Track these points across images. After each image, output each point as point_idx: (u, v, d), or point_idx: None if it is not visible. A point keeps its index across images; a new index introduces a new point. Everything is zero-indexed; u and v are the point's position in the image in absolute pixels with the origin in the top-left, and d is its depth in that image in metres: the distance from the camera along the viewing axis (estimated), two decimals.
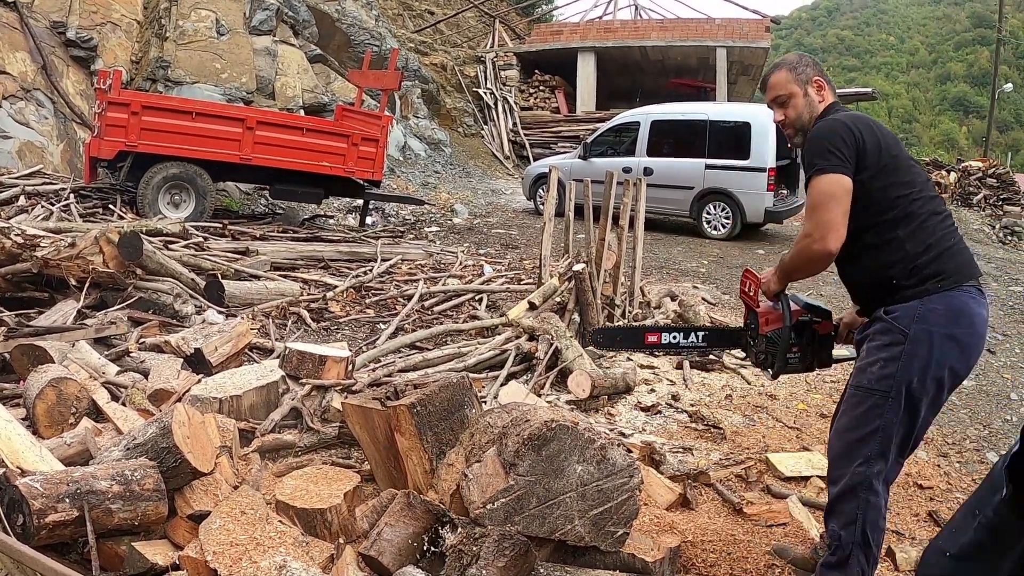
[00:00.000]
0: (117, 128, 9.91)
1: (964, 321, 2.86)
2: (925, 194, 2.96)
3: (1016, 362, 7.56)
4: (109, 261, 5.80)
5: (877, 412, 2.86)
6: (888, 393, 2.84)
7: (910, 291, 2.87)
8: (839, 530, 2.92)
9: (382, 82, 13.08)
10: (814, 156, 2.90)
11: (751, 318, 3.33)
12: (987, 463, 5.21)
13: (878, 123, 3.07)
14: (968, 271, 2.93)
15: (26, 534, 2.46)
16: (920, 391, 2.84)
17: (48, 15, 13.87)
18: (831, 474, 3.06)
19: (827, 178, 2.84)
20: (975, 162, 23.46)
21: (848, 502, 2.90)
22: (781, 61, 3.27)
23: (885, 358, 2.86)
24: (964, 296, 2.87)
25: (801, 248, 2.92)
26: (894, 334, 2.86)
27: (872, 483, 2.87)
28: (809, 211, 2.90)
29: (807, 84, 3.15)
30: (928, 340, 2.82)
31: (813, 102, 3.14)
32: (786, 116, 3.19)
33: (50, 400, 3.56)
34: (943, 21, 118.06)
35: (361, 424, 3.21)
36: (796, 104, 3.15)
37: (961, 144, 72.76)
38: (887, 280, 2.92)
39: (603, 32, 26.62)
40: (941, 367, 2.84)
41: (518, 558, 2.46)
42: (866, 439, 2.88)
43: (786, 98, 3.17)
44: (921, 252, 2.87)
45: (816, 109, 3.14)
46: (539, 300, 6.44)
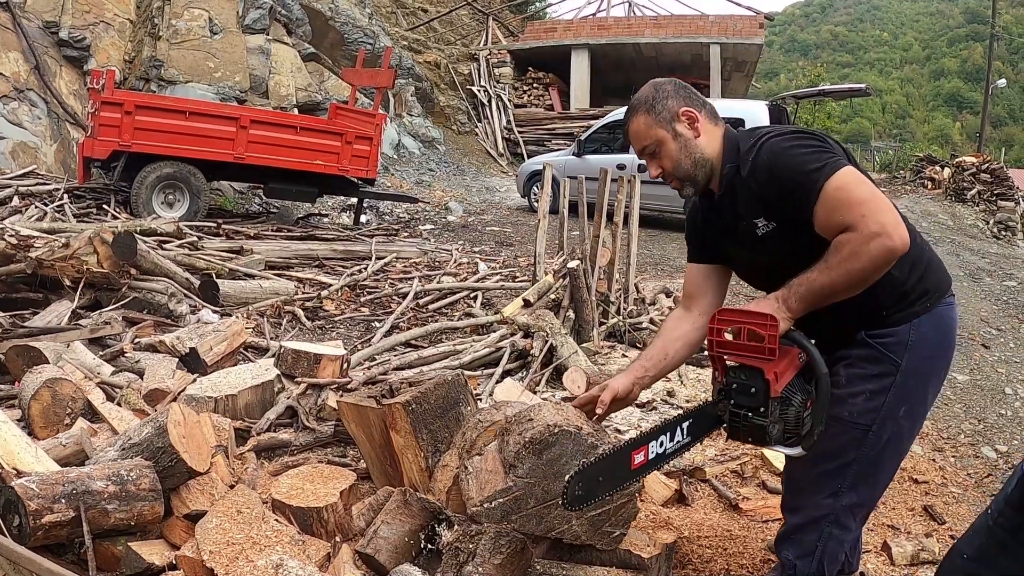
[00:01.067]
0: (111, 128, 9.92)
1: (949, 338, 2.62)
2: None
3: (1010, 357, 7.58)
4: (103, 261, 5.79)
5: (854, 445, 2.54)
6: (870, 428, 2.52)
7: (899, 315, 2.52)
8: (794, 559, 2.64)
9: (376, 80, 13.08)
10: (805, 164, 2.36)
11: (744, 379, 2.42)
12: (982, 457, 5.23)
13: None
14: (946, 281, 2.64)
15: (22, 535, 2.46)
16: (905, 419, 2.57)
17: (41, 15, 13.84)
18: (788, 503, 2.76)
19: (848, 170, 2.32)
20: (969, 157, 23.45)
21: (809, 533, 2.62)
22: (634, 102, 2.65)
23: (872, 390, 2.51)
24: (946, 310, 2.59)
25: (872, 253, 2.24)
26: (885, 364, 2.51)
27: (839, 518, 2.59)
28: (857, 207, 2.26)
29: (673, 122, 2.58)
30: (920, 369, 2.54)
31: (689, 143, 2.58)
32: (663, 167, 2.63)
33: (45, 401, 3.55)
34: (936, 17, 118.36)
35: (356, 422, 3.21)
36: (669, 151, 2.59)
37: (955, 140, 72.86)
38: (873, 306, 2.50)
39: (597, 29, 26.64)
40: (928, 392, 2.63)
41: (515, 555, 2.47)
42: (836, 472, 2.56)
43: (654, 147, 2.61)
44: (907, 274, 2.49)
45: (698, 150, 2.58)
46: (534, 297, 6.44)
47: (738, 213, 2.56)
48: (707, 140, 2.59)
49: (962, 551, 2.10)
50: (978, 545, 2.04)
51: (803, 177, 2.34)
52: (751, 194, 2.49)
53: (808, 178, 2.33)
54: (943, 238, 15.55)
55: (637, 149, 2.68)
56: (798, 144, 2.41)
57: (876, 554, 3.67)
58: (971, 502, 4.47)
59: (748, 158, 2.48)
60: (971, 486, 4.74)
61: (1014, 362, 7.42)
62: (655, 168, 2.65)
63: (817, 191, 2.31)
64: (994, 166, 22.21)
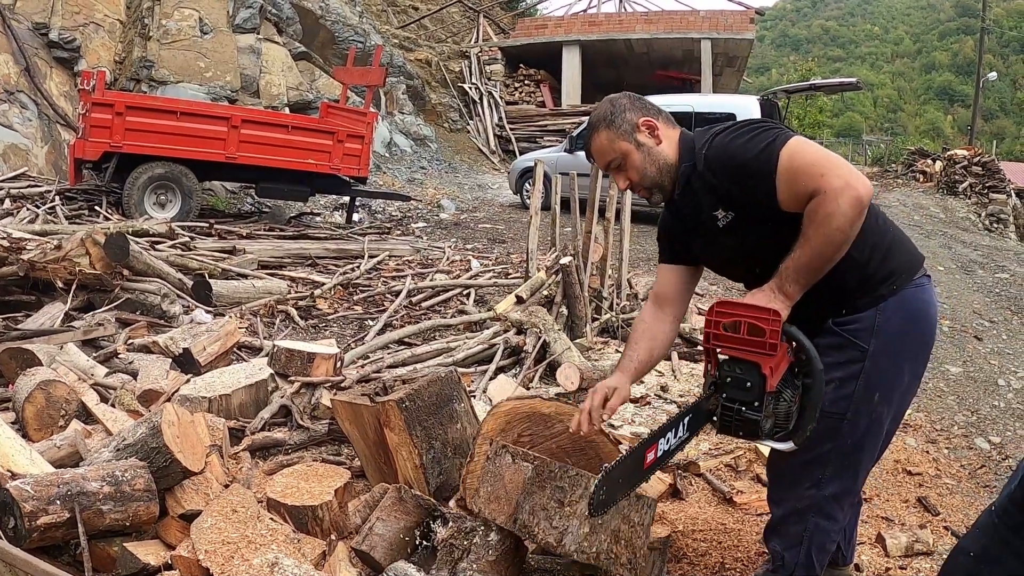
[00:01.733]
0: (102, 129, 9.89)
1: (921, 317, 2.58)
2: None
3: (1003, 348, 7.61)
4: (96, 263, 5.78)
5: (830, 434, 2.52)
6: (844, 415, 2.51)
7: (863, 300, 2.51)
8: (781, 551, 2.67)
9: (367, 78, 13.07)
10: (752, 147, 2.39)
11: (738, 373, 2.39)
12: (975, 448, 5.25)
13: None
14: (915, 262, 2.60)
15: (17, 537, 2.46)
16: (881, 406, 2.56)
17: (30, 16, 13.81)
18: (772, 495, 2.78)
19: (795, 139, 2.35)
20: (960, 150, 23.51)
21: (794, 524, 2.64)
22: (593, 119, 2.70)
23: (841, 377, 2.50)
24: (917, 292, 2.56)
25: (842, 209, 2.23)
26: (851, 350, 2.51)
27: (823, 507, 2.60)
28: (817, 167, 2.27)
29: (634, 133, 2.62)
30: (889, 354, 2.52)
31: (652, 150, 2.61)
32: (630, 179, 2.67)
33: (39, 403, 3.55)
34: (927, 11, 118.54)
35: (351, 420, 3.22)
36: (634, 163, 2.63)
37: (946, 133, 73.07)
38: (836, 292, 2.49)
39: (587, 25, 26.62)
40: (902, 375, 2.58)
41: (509, 552, 2.48)
42: (816, 461, 2.57)
43: (620, 160, 2.65)
44: (868, 256, 2.47)
45: (661, 156, 2.62)
46: (527, 294, 6.45)
47: (699, 208, 2.59)
48: (667, 145, 2.64)
49: (967, 549, 2.10)
50: (983, 544, 2.04)
51: (754, 161, 2.37)
52: (708, 187, 2.53)
53: (758, 160, 2.36)
54: (935, 231, 15.59)
55: (602, 165, 2.72)
56: (743, 131, 2.46)
57: (871, 546, 3.69)
58: (965, 493, 4.49)
59: (702, 153, 2.53)
60: (965, 477, 4.76)
61: (1007, 354, 7.44)
62: (623, 181, 2.69)
63: (773, 168, 2.33)
64: (985, 159, 22.27)
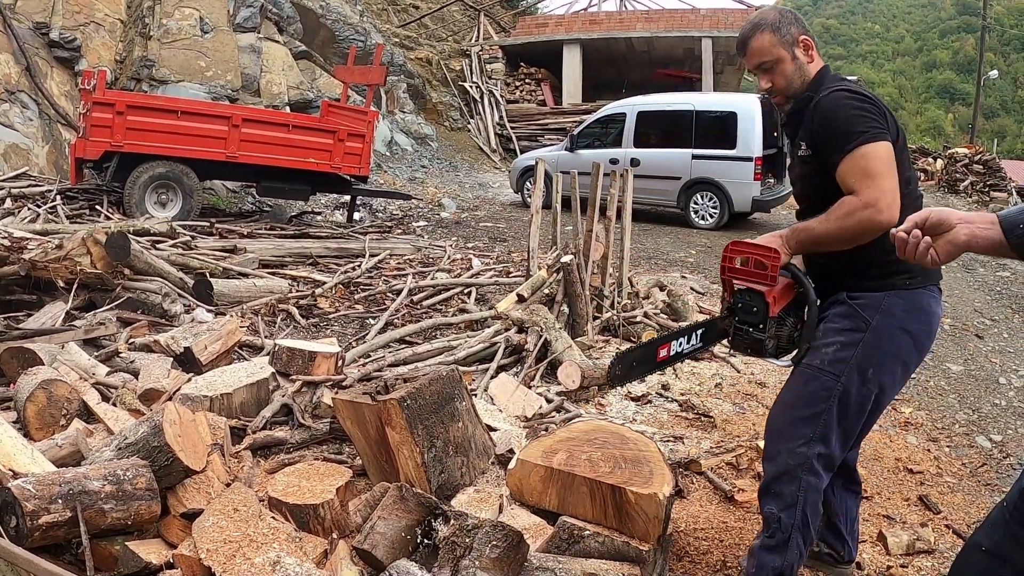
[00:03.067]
0: (102, 128, 9.88)
1: (923, 318, 2.79)
2: (914, 189, 2.79)
3: (1004, 347, 7.61)
4: (97, 262, 5.79)
5: (824, 395, 2.76)
6: (839, 377, 2.75)
7: (878, 282, 2.76)
8: (778, 512, 2.81)
9: (367, 77, 13.05)
10: (851, 128, 2.64)
11: (747, 300, 2.86)
12: (976, 447, 5.25)
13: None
14: (935, 273, 2.83)
15: (19, 536, 2.46)
16: (872, 383, 2.77)
17: (31, 16, 13.80)
18: (768, 450, 2.93)
19: (881, 145, 2.60)
20: (961, 149, 23.48)
21: (787, 484, 2.79)
22: (760, 20, 2.91)
23: (843, 342, 2.76)
24: (927, 296, 2.79)
25: (861, 218, 2.59)
26: (856, 320, 2.76)
27: (813, 464, 2.77)
28: (866, 178, 2.59)
29: (794, 46, 2.86)
30: (889, 334, 2.75)
31: (803, 65, 2.88)
32: (774, 83, 2.91)
33: (40, 402, 3.55)
34: (928, 9, 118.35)
35: (352, 419, 3.22)
36: (785, 70, 2.88)
37: (947, 131, 73.04)
38: (857, 267, 2.77)
39: (588, 24, 26.61)
40: (895, 361, 2.80)
41: (511, 549, 2.47)
42: (809, 420, 2.78)
43: (772, 64, 2.88)
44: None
45: (807, 73, 2.88)
46: (528, 292, 6.44)
47: (796, 132, 2.92)
48: (814, 68, 2.90)
49: (980, 544, 2.09)
50: (995, 539, 2.03)
51: (844, 135, 2.65)
52: (807, 123, 2.82)
53: (847, 135, 2.64)
54: None
55: (752, 64, 2.95)
56: (858, 105, 2.68)
57: (872, 544, 3.69)
58: (966, 491, 4.49)
59: (820, 95, 2.78)
60: (966, 476, 4.76)
61: (1008, 352, 7.44)
62: (766, 82, 2.94)
63: (848, 150, 2.63)
64: (987, 157, 22.25)
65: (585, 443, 2.95)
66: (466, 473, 3.30)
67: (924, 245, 1.93)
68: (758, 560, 2.87)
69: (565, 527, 2.73)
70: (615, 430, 3.10)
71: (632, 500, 2.66)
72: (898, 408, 5.80)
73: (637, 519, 2.68)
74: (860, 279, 2.78)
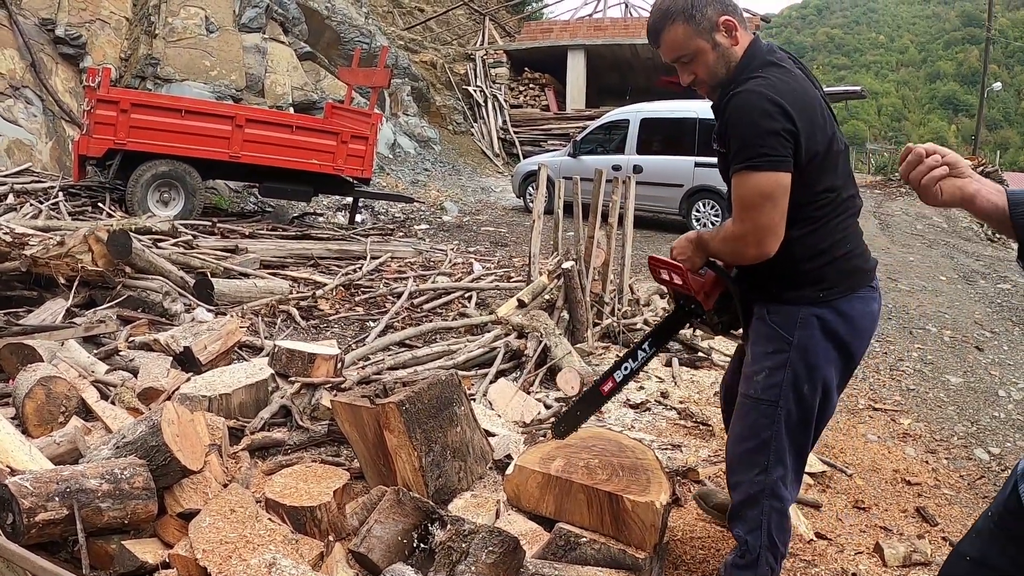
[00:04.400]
0: (106, 126, 9.90)
1: (848, 322, 2.68)
2: (843, 194, 2.65)
3: (1004, 359, 7.60)
4: (98, 259, 5.79)
5: (766, 422, 2.72)
6: (776, 403, 2.70)
7: (791, 293, 2.68)
8: (744, 535, 2.81)
9: (372, 80, 13.06)
10: (744, 146, 2.45)
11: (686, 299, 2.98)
12: (975, 459, 5.24)
13: (811, 90, 2.59)
14: (858, 280, 2.71)
15: (16, 533, 2.46)
16: (810, 396, 2.71)
17: (37, 12, 13.83)
18: (730, 479, 2.92)
19: (763, 177, 2.43)
20: (964, 160, 23.51)
21: (751, 509, 2.78)
22: (672, 7, 2.59)
23: (770, 366, 2.70)
24: (846, 304, 2.68)
25: (733, 248, 2.61)
26: (778, 341, 2.69)
27: (773, 489, 2.75)
28: (741, 210, 2.51)
29: (713, 32, 2.57)
30: (813, 347, 2.66)
31: (726, 51, 2.60)
32: (696, 75, 2.66)
33: (39, 399, 3.55)
34: (933, 20, 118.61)
35: (350, 422, 3.22)
36: (706, 61, 2.61)
37: (950, 142, 73.04)
38: (765, 274, 2.67)
39: (593, 30, 26.63)
40: (829, 366, 2.71)
41: (507, 555, 2.47)
42: (760, 449, 2.74)
43: (691, 56, 2.62)
44: (807, 258, 2.63)
45: (733, 57, 2.60)
46: (528, 298, 6.44)
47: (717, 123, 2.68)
48: (740, 49, 2.62)
49: (965, 554, 2.09)
50: (980, 548, 2.04)
51: (740, 149, 2.47)
52: (720, 118, 2.63)
53: (741, 152, 2.47)
54: (938, 240, 15.58)
55: (669, 58, 2.69)
56: (761, 119, 2.44)
57: (868, 555, 3.69)
58: (964, 504, 4.48)
59: (733, 91, 2.54)
60: (964, 488, 4.75)
61: (1008, 364, 7.44)
62: (687, 76, 2.68)
63: (737, 170, 2.49)
64: (989, 169, 22.31)
65: (583, 450, 2.95)
66: (463, 478, 3.30)
67: (940, 172, 1.87)
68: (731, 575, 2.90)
69: (561, 534, 2.73)
70: (613, 437, 3.11)
71: (629, 508, 2.66)
72: (897, 420, 5.79)
73: (634, 527, 2.68)
74: (775, 289, 2.71)
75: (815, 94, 2.59)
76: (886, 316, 8.88)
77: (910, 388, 6.55)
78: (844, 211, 2.66)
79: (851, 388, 6.37)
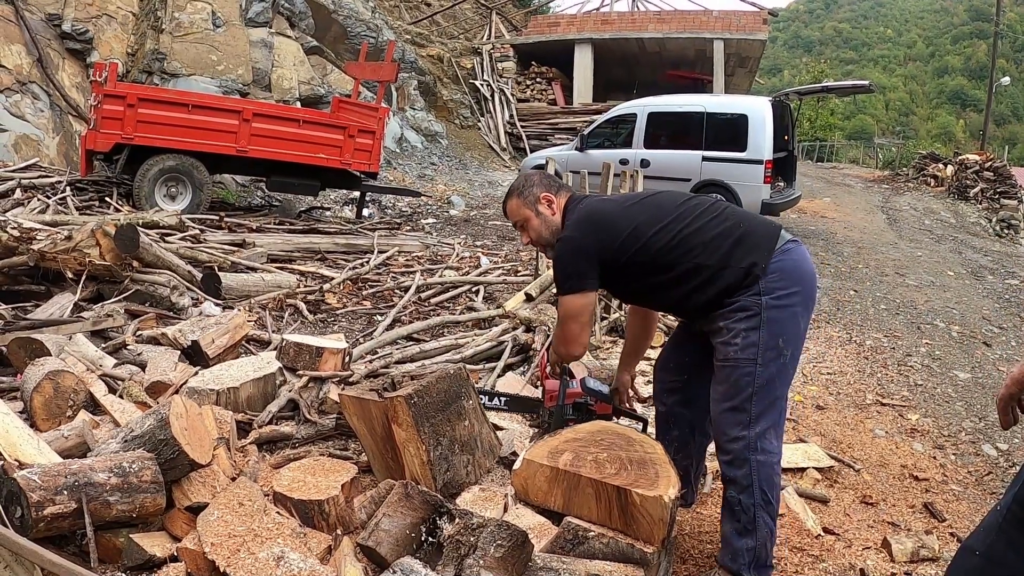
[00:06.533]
0: (113, 121, 9.89)
1: (795, 274, 3.06)
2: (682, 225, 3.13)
3: (1012, 355, 7.58)
4: (106, 254, 5.80)
5: (748, 379, 3.00)
6: (755, 360, 2.99)
7: (738, 294, 3.05)
8: (738, 495, 3.02)
9: (379, 74, 13.05)
10: (559, 278, 3.24)
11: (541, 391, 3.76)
12: (982, 455, 5.23)
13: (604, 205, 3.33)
14: (769, 240, 3.10)
15: (24, 526, 2.46)
16: (785, 348, 3.02)
17: (44, 8, 13.84)
18: (717, 443, 3.17)
19: (571, 298, 3.21)
20: (972, 155, 23.44)
21: (739, 469, 3.02)
22: (510, 188, 3.51)
23: (746, 328, 3.01)
24: (785, 259, 3.06)
25: (555, 349, 3.46)
26: (749, 309, 3.01)
27: (758, 444, 3.00)
28: (559, 322, 3.34)
29: (536, 204, 3.40)
30: (779, 304, 3.00)
31: (547, 218, 3.39)
32: (530, 237, 3.46)
33: (47, 393, 3.56)
34: (941, 14, 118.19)
35: (358, 415, 3.21)
36: (533, 226, 3.41)
37: (958, 137, 72.89)
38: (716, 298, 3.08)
39: (600, 24, 26.57)
40: (794, 320, 3.05)
41: (515, 548, 2.47)
42: (742, 406, 3.01)
43: (523, 222, 3.44)
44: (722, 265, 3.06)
45: (553, 223, 3.38)
46: (536, 291, 6.44)
47: None
48: (558, 217, 3.40)
49: (973, 548, 2.09)
50: (989, 543, 2.04)
51: (557, 281, 3.31)
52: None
53: (557, 283, 3.31)
54: (945, 236, 15.54)
55: (512, 222, 3.53)
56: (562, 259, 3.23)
57: (876, 551, 3.68)
58: (971, 499, 4.48)
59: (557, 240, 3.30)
60: (971, 484, 4.74)
61: (1016, 360, 7.41)
62: (525, 237, 3.50)
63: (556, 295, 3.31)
64: (997, 164, 22.22)
65: (591, 444, 2.95)
66: (471, 472, 3.29)
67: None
68: (732, 547, 3.05)
69: (570, 527, 2.73)
70: (621, 431, 3.10)
71: (637, 502, 2.65)
72: (904, 415, 5.78)
73: (642, 521, 2.68)
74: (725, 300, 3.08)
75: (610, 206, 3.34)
76: (894, 311, 8.86)
77: (918, 384, 6.54)
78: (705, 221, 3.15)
79: (859, 383, 6.36)
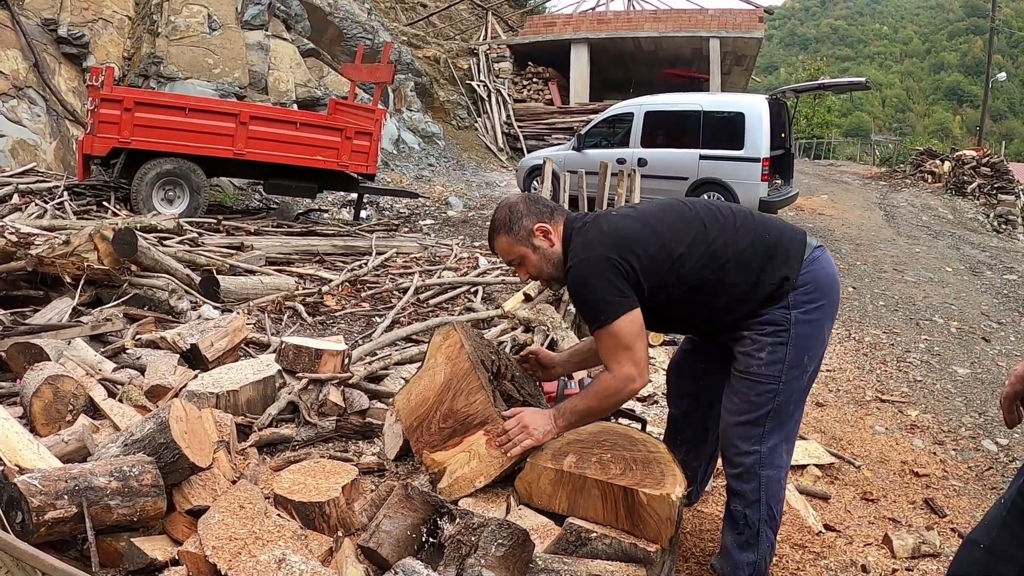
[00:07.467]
0: (110, 125, 9.90)
1: (823, 285, 2.91)
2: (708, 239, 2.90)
3: (1011, 350, 7.59)
4: (104, 258, 5.79)
5: (768, 396, 2.88)
6: (779, 378, 2.87)
7: (768, 307, 2.89)
8: (743, 509, 2.95)
9: (375, 75, 13.06)
10: (591, 309, 2.85)
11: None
12: (982, 450, 5.24)
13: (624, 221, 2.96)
14: (795, 255, 2.92)
15: (25, 531, 2.46)
16: (809, 363, 2.92)
17: (39, 12, 13.85)
18: (725, 455, 3.05)
19: (616, 326, 2.79)
20: (969, 151, 23.45)
21: (747, 483, 2.93)
22: (494, 223, 3.07)
23: (772, 343, 2.87)
24: (813, 269, 2.91)
25: (622, 394, 2.89)
26: (776, 325, 2.87)
27: (770, 459, 2.92)
28: (621, 352, 2.81)
29: (530, 239, 3.00)
30: (808, 318, 2.87)
31: (545, 252, 3.00)
32: (529, 274, 3.11)
33: (47, 398, 3.55)
34: (936, 11, 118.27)
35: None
36: (531, 263, 3.03)
37: (955, 133, 72.93)
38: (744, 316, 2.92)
39: (596, 23, 26.59)
40: (818, 336, 2.94)
41: (516, 548, 2.47)
42: (758, 421, 2.91)
43: (518, 260, 3.06)
44: (754, 282, 2.88)
45: (554, 256, 3.00)
46: (534, 292, 6.44)
47: None
48: (558, 248, 3.01)
49: (977, 542, 2.09)
50: (993, 536, 2.04)
51: (591, 312, 2.86)
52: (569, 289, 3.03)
53: (593, 314, 2.85)
54: (943, 232, 15.54)
55: (505, 261, 3.16)
56: (595, 281, 2.82)
57: (877, 547, 3.68)
58: (972, 495, 4.48)
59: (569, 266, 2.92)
60: (972, 479, 4.74)
61: (1015, 355, 7.42)
62: (524, 275, 3.12)
63: (596, 327, 2.84)
64: (994, 160, 22.23)
65: (594, 445, 2.94)
66: None
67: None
68: (733, 560, 3.01)
69: (572, 528, 2.72)
70: (623, 431, 3.10)
71: (644, 502, 2.65)
72: (904, 411, 5.79)
73: (650, 520, 2.67)
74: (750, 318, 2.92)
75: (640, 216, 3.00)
76: (893, 308, 8.86)
77: (917, 379, 6.54)
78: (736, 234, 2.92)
79: (858, 380, 6.36)
